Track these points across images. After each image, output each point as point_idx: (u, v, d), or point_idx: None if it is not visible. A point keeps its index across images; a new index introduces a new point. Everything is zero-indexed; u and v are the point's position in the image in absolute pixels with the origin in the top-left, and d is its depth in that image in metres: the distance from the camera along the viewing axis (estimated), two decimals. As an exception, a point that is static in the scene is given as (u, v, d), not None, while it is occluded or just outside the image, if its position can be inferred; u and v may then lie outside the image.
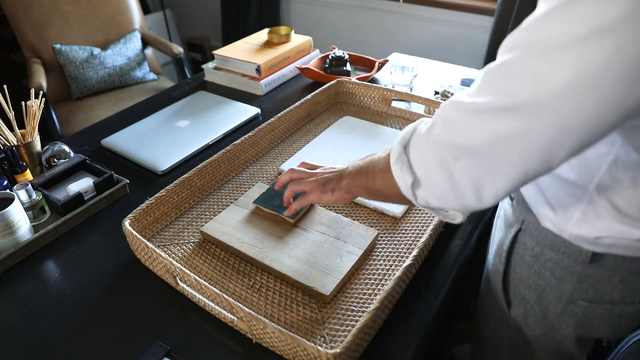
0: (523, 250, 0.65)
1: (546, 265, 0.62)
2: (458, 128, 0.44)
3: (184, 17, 3.12)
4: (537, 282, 0.64)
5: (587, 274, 0.58)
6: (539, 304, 0.65)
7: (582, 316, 0.62)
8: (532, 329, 0.69)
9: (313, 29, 2.56)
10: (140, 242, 0.66)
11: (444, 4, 2.08)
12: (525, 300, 0.67)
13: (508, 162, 0.42)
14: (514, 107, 0.39)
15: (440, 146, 0.46)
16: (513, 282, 0.68)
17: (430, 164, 0.48)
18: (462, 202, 0.47)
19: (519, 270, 0.66)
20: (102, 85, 1.95)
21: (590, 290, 0.59)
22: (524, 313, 0.68)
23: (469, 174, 0.44)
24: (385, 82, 1.31)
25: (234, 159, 0.91)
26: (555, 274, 0.61)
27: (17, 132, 0.88)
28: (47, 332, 0.62)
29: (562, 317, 0.64)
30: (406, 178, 0.50)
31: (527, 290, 0.66)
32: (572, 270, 0.59)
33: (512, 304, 0.70)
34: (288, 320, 0.61)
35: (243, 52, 1.32)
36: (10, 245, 0.72)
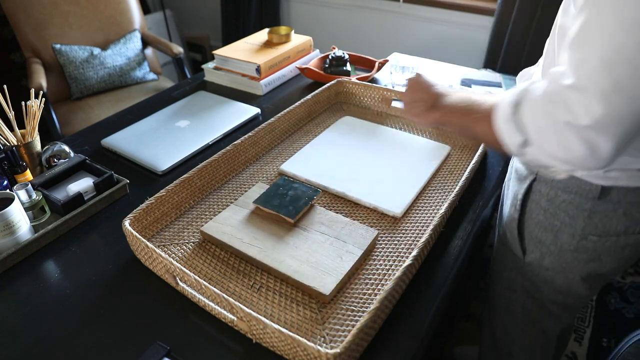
0: (538, 196, 0.72)
1: (561, 206, 0.70)
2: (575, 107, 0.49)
3: (184, 17, 3.12)
4: (552, 223, 0.72)
5: (596, 209, 0.67)
6: (555, 244, 0.73)
7: (592, 251, 0.70)
8: (547, 270, 0.76)
9: (313, 29, 2.56)
10: (140, 242, 0.66)
11: (444, 4, 2.08)
12: (542, 242, 0.74)
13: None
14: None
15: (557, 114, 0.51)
16: (529, 228, 0.76)
17: (545, 129, 0.52)
18: (577, 162, 0.52)
19: (535, 216, 0.74)
20: (102, 85, 1.95)
21: (599, 225, 0.67)
22: (539, 256, 0.76)
23: (586, 138, 0.49)
24: (385, 82, 1.31)
25: (234, 159, 0.91)
26: (569, 212, 0.69)
27: (17, 132, 0.88)
28: (47, 332, 0.62)
29: (576, 253, 0.71)
30: (515, 138, 0.56)
31: (543, 232, 0.74)
32: (584, 208, 0.67)
33: (527, 250, 0.77)
34: (288, 320, 0.61)
35: (243, 52, 1.32)
36: (10, 245, 0.72)
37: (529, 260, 0.78)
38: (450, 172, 0.91)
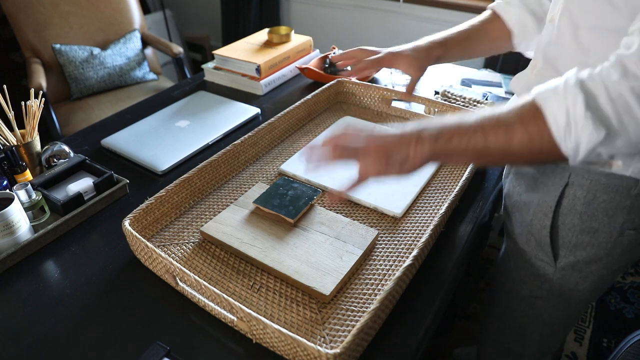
0: (573, 201, 0.68)
1: (599, 208, 0.66)
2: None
3: (184, 17, 3.12)
4: (590, 226, 0.68)
5: (634, 204, 0.64)
6: (591, 245, 0.69)
7: (627, 244, 0.69)
8: (580, 271, 0.73)
9: (313, 29, 2.56)
10: (140, 242, 0.66)
11: (444, 4, 2.08)
12: (577, 246, 0.71)
13: None
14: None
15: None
16: (562, 233, 0.71)
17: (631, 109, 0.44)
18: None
19: (570, 221, 0.70)
20: (102, 85, 1.95)
21: (637, 219, 0.66)
22: (573, 260, 0.72)
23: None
24: (385, 82, 1.31)
25: (234, 159, 0.91)
26: (607, 212, 0.66)
27: (16, 132, 0.88)
28: (47, 332, 0.62)
29: (612, 250, 0.69)
30: (598, 135, 0.45)
31: (578, 236, 0.70)
32: (623, 205, 0.64)
33: (559, 255, 0.73)
34: (288, 320, 0.61)
35: (243, 52, 1.32)
36: (10, 245, 0.72)
37: (561, 265, 0.74)
38: (450, 172, 0.91)
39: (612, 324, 1.50)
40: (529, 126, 0.48)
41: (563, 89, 0.47)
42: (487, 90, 1.26)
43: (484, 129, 0.50)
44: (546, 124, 0.47)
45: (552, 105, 0.47)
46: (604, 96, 0.45)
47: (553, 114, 0.47)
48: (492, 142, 0.50)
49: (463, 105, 1.11)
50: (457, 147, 0.52)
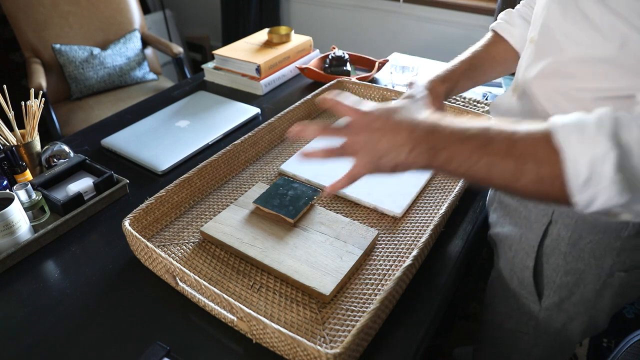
0: (556, 241, 0.63)
1: (586, 249, 0.61)
2: None
3: (184, 17, 3.12)
4: (575, 267, 0.63)
5: (625, 247, 0.59)
6: (577, 286, 0.65)
7: (618, 287, 0.64)
8: (566, 311, 0.68)
9: (313, 29, 2.56)
10: (140, 242, 0.66)
11: (444, 4, 2.08)
12: (561, 287, 0.66)
13: None
14: None
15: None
16: (545, 273, 0.67)
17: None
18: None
19: (553, 261, 0.65)
20: (102, 85, 1.95)
21: (627, 260, 0.61)
22: (558, 301, 0.68)
23: None
24: (385, 82, 1.31)
25: (234, 159, 0.91)
26: (595, 254, 0.61)
27: (16, 132, 0.88)
28: (47, 332, 0.62)
29: (601, 291, 0.64)
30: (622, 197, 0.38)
31: (563, 277, 0.65)
32: (613, 247, 0.59)
33: (544, 294, 0.69)
34: (288, 320, 0.61)
35: (243, 52, 1.32)
36: (9, 245, 0.72)
37: (546, 305, 0.70)
38: (450, 172, 0.91)
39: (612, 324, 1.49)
40: (542, 167, 0.40)
41: (594, 132, 0.38)
42: (487, 90, 1.26)
43: (491, 157, 0.42)
44: (563, 171, 0.39)
45: (576, 150, 0.38)
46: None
47: (574, 162, 0.38)
48: (496, 174, 0.43)
49: (463, 105, 1.11)
50: (456, 169, 0.45)
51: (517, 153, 0.41)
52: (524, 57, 0.64)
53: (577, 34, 0.51)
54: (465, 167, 0.44)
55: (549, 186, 0.41)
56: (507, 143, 0.42)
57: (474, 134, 0.44)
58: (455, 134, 0.45)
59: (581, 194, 0.39)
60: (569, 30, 0.52)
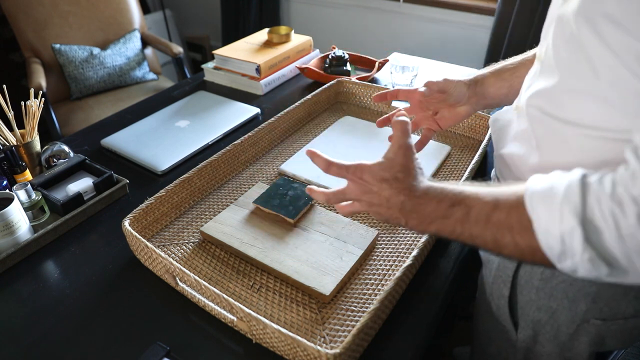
0: (530, 274, 0.61)
1: (558, 288, 0.58)
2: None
3: (184, 17, 3.12)
4: (548, 304, 0.61)
5: (602, 294, 0.56)
6: (550, 325, 0.62)
7: (595, 334, 0.60)
8: (543, 346, 0.66)
9: (313, 29, 2.56)
10: (140, 242, 0.66)
11: (444, 3, 2.08)
12: (535, 322, 0.64)
13: None
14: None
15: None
16: (520, 304, 0.65)
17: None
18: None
19: (527, 294, 0.63)
20: (102, 85, 1.95)
21: (605, 309, 0.57)
22: (532, 334, 0.65)
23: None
24: (385, 82, 1.31)
25: (234, 159, 0.91)
26: (568, 295, 0.58)
27: (16, 132, 0.88)
28: (47, 332, 0.62)
29: (575, 335, 0.61)
30: (599, 271, 0.38)
31: (536, 312, 0.63)
32: (587, 292, 0.56)
33: (519, 325, 0.67)
34: (288, 320, 0.61)
35: (243, 52, 1.32)
36: (9, 245, 0.72)
37: (522, 337, 0.67)
38: (450, 172, 0.91)
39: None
40: (517, 238, 0.41)
41: (560, 204, 0.38)
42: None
43: (472, 228, 0.44)
44: (538, 242, 0.39)
45: (546, 222, 0.39)
46: (613, 234, 0.36)
47: (545, 236, 0.39)
48: (480, 244, 0.45)
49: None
50: (449, 237, 0.48)
51: (495, 223, 0.42)
52: (530, 74, 0.59)
53: (570, 62, 0.47)
54: (454, 237, 0.46)
55: (530, 256, 0.41)
56: (485, 213, 0.43)
57: (455, 206, 0.45)
58: (439, 210, 0.47)
59: (562, 264, 0.39)
60: (564, 57, 0.48)
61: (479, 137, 1.00)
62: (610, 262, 0.37)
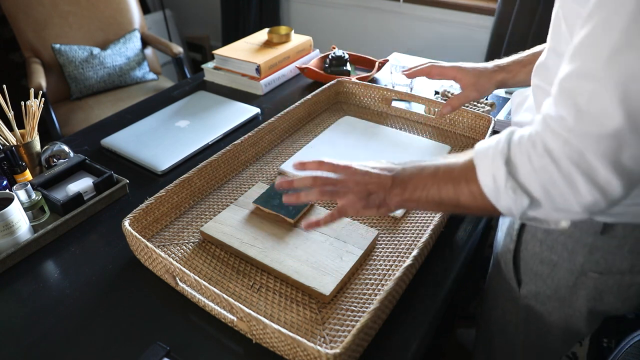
0: (534, 228, 0.67)
1: (558, 239, 0.64)
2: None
3: (184, 17, 3.12)
4: (549, 257, 0.66)
5: (598, 245, 0.61)
6: (551, 278, 0.68)
7: (593, 288, 0.65)
8: (543, 304, 0.71)
9: (313, 29, 2.56)
10: (140, 242, 0.66)
11: (444, 3, 2.08)
12: (538, 275, 0.69)
13: None
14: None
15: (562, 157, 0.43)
16: (524, 259, 0.71)
17: (553, 183, 0.44)
18: (590, 208, 0.44)
19: (531, 247, 0.69)
20: (102, 85, 1.95)
21: (601, 261, 0.62)
22: (535, 290, 0.71)
23: (595, 181, 0.42)
24: (385, 82, 1.31)
25: (234, 159, 0.91)
26: (567, 246, 0.64)
27: (16, 132, 0.88)
28: (47, 332, 0.62)
29: (574, 289, 0.66)
30: (519, 203, 0.46)
31: (539, 265, 0.68)
32: (584, 242, 0.62)
33: (522, 281, 0.73)
34: (288, 320, 0.61)
35: (243, 52, 1.32)
36: (9, 245, 0.72)
37: (524, 293, 0.73)
38: (450, 172, 0.91)
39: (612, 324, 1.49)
40: (470, 185, 0.50)
41: (492, 153, 0.48)
42: (487, 90, 1.26)
43: (438, 182, 0.53)
44: (482, 189, 0.49)
45: (483, 169, 0.48)
46: (527, 166, 0.45)
47: (483, 178, 0.48)
48: (445, 196, 0.52)
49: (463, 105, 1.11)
50: (419, 197, 0.54)
51: (454, 177, 0.52)
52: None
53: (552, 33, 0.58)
54: (424, 195, 0.54)
55: (480, 200, 0.49)
56: (449, 170, 0.53)
57: (428, 167, 0.55)
58: (416, 168, 0.56)
59: (498, 202, 0.48)
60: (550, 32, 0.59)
61: (479, 137, 1.00)
62: (528, 192, 0.46)
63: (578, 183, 0.43)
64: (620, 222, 0.58)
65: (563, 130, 0.43)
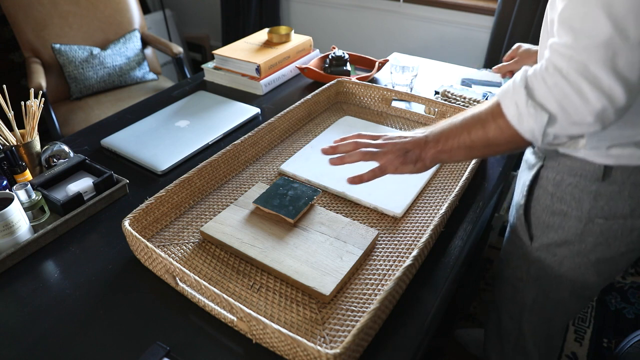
0: (545, 182, 0.75)
1: (567, 190, 0.72)
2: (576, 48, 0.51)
3: (184, 17, 3.12)
4: (559, 208, 0.74)
5: (601, 191, 0.68)
6: (562, 228, 0.75)
7: (599, 234, 0.72)
8: (554, 255, 0.78)
9: (313, 29, 2.56)
10: (140, 242, 0.66)
11: (444, 3, 2.08)
12: (549, 227, 0.77)
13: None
14: None
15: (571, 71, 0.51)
16: (536, 214, 0.78)
17: (564, 95, 0.52)
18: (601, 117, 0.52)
19: (543, 201, 0.76)
20: (102, 85, 1.95)
21: (605, 207, 0.69)
22: (546, 241, 0.78)
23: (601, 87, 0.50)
24: (385, 82, 1.31)
25: (234, 159, 0.91)
26: (575, 196, 0.71)
27: (16, 132, 0.88)
28: (47, 332, 0.62)
29: (583, 237, 0.73)
30: (539, 120, 0.54)
31: (550, 217, 0.76)
32: (589, 190, 0.69)
33: (534, 236, 0.80)
34: (288, 320, 0.61)
35: (243, 52, 1.32)
36: (9, 245, 0.72)
37: (536, 246, 0.80)
38: (450, 172, 0.91)
39: (612, 324, 1.50)
40: (497, 120, 0.59)
41: (512, 87, 0.57)
42: (487, 90, 1.26)
43: (468, 127, 0.62)
44: (506, 119, 0.57)
45: (507, 101, 0.57)
46: (543, 86, 0.54)
47: (508, 109, 0.57)
48: (475, 137, 0.61)
49: (463, 105, 1.11)
50: (452, 146, 0.63)
51: (482, 118, 0.61)
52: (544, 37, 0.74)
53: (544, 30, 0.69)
54: (456, 142, 0.62)
55: (507, 132, 0.58)
56: (476, 115, 0.62)
57: (456, 118, 0.64)
58: (446, 123, 0.65)
59: (523, 128, 0.56)
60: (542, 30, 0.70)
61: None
62: (546, 109, 0.54)
63: (586, 92, 0.50)
64: (618, 164, 0.66)
65: (566, 50, 0.52)
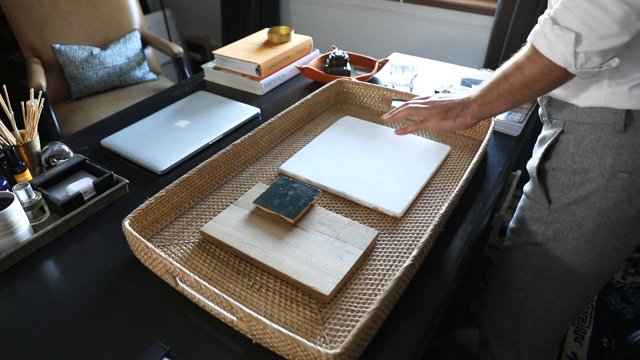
0: (566, 145, 0.77)
1: (588, 147, 0.74)
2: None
3: (184, 16, 3.12)
4: (581, 167, 0.76)
5: (623, 144, 0.70)
6: (584, 186, 0.76)
7: (622, 190, 0.73)
8: (573, 215, 0.79)
9: (313, 29, 2.56)
10: (140, 242, 0.66)
11: (444, 3, 2.08)
12: (570, 187, 0.78)
13: None
14: None
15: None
16: (557, 175, 0.80)
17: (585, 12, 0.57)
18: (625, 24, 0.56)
19: (562, 163, 0.78)
20: (102, 85, 1.95)
21: (629, 160, 0.70)
22: (566, 202, 0.79)
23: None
24: (385, 82, 1.31)
25: (234, 159, 0.91)
26: (596, 152, 0.73)
27: (16, 132, 0.88)
28: (47, 332, 0.62)
29: (605, 193, 0.74)
30: (567, 41, 0.59)
31: (572, 176, 0.77)
32: (611, 144, 0.71)
33: (553, 198, 0.82)
34: (288, 320, 0.61)
35: (243, 51, 1.32)
36: (9, 245, 0.72)
37: (555, 207, 0.81)
38: (450, 172, 0.91)
39: (612, 324, 1.50)
40: (532, 58, 0.65)
41: (540, 24, 0.63)
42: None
43: (506, 75, 0.70)
44: (539, 51, 0.63)
45: (536, 37, 0.64)
46: (565, 11, 0.59)
47: (539, 43, 0.63)
48: (512, 81, 0.69)
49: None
50: (493, 96, 0.72)
51: (518, 63, 0.68)
52: None
53: None
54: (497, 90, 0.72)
55: (541, 65, 0.64)
56: (512, 63, 0.69)
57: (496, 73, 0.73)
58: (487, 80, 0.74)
59: (555, 55, 0.62)
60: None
61: (479, 137, 1.00)
62: (571, 29, 0.59)
63: (606, 3, 0.55)
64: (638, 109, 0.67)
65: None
